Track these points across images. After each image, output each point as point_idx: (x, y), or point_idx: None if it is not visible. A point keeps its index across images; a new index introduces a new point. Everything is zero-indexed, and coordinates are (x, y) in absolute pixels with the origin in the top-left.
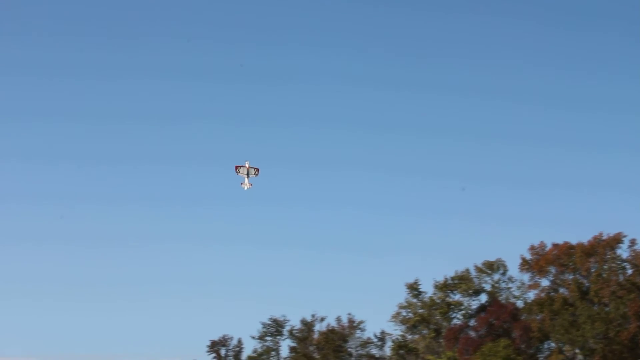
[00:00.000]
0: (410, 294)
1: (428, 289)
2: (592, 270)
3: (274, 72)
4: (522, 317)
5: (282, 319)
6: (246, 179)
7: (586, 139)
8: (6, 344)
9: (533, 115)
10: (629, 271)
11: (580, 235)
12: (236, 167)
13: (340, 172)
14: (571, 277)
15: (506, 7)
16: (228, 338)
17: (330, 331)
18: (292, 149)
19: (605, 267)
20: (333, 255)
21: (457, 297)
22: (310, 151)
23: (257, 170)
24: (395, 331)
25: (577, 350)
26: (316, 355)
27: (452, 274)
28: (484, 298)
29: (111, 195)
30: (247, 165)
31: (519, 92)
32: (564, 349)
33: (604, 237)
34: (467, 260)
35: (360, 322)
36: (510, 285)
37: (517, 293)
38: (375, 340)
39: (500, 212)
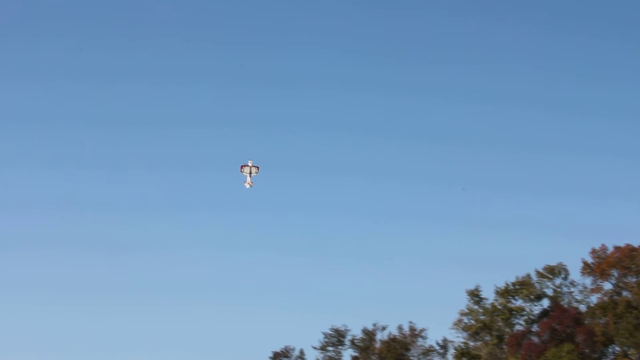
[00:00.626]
0: (472, 301)
1: (489, 295)
2: None
3: (273, 75)
4: (586, 322)
5: (343, 328)
6: (248, 177)
7: (624, 146)
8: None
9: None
10: None
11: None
12: (241, 167)
13: (364, 180)
14: (634, 279)
15: (508, 11)
16: (290, 349)
17: (392, 340)
18: (307, 155)
19: None
20: (391, 264)
21: (518, 302)
22: (327, 157)
23: (258, 168)
24: (458, 338)
25: None
26: None
27: (512, 279)
28: (546, 303)
29: (140, 200)
30: (249, 164)
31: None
32: (629, 352)
33: None
34: (526, 266)
35: (422, 330)
36: (572, 289)
37: (579, 297)
38: (437, 348)
39: (558, 219)
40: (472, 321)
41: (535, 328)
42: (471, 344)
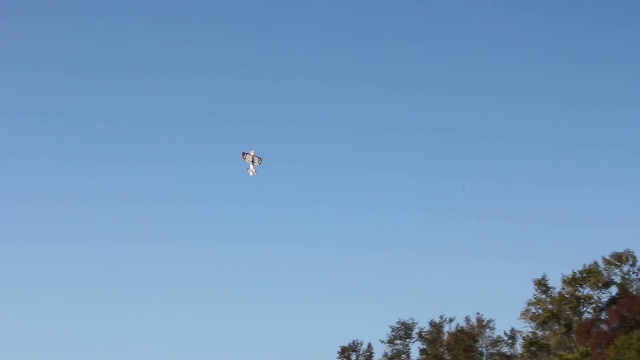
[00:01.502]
0: (539, 290)
1: (556, 284)
2: None
3: (274, 68)
4: None
5: (410, 321)
6: (251, 165)
7: None
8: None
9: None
10: None
11: None
12: (243, 154)
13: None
14: None
15: (509, 2)
16: (358, 343)
17: (460, 331)
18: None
19: None
20: (457, 258)
21: (586, 290)
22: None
23: (260, 159)
24: (526, 328)
25: None
26: (446, 356)
27: (579, 267)
28: (614, 290)
29: (189, 192)
30: (252, 153)
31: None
32: None
33: None
34: (593, 255)
35: (490, 321)
36: None
37: None
38: (505, 338)
39: (622, 208)
40: (539, 310)
41: (604, 316)
42: (539, 333)
